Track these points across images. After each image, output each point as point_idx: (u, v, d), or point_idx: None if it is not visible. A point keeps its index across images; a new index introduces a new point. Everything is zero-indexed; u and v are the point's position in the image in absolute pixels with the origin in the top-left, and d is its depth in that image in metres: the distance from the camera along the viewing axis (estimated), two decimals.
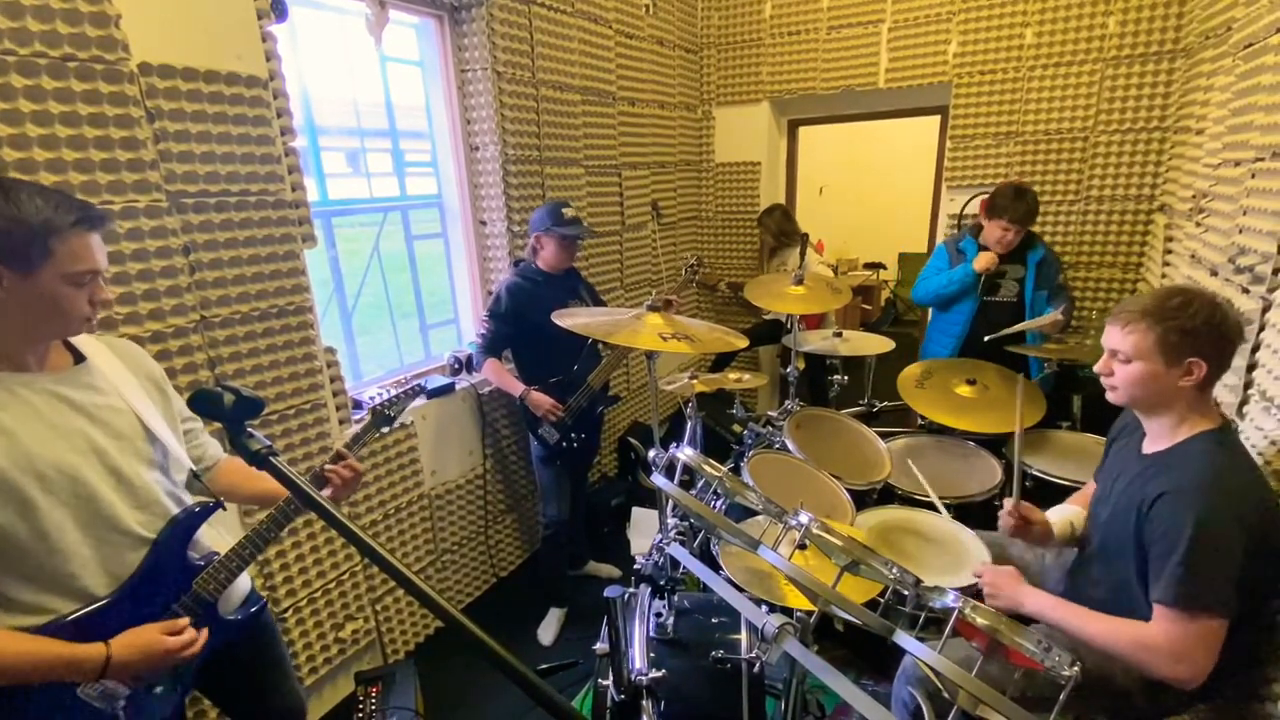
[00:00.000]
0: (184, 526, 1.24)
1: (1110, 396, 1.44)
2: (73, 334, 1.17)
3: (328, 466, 1.35)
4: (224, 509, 1.30)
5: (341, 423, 2.20)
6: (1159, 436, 1.41)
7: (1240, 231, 1.89)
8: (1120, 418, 1.65)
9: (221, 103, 1.73)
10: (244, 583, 1.42)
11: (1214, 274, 2.07)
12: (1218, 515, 1.21)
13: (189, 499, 1.30)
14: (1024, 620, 1.18)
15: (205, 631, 1.23)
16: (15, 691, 1.07)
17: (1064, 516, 1.65)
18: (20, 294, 1.03)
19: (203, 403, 0.96)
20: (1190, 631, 1.21)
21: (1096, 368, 1.45)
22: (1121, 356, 1.37)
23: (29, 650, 1.05)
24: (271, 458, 0.91)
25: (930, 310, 3.11)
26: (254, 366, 1.90)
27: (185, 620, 1.21)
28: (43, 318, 1.08)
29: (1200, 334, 1.28)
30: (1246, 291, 1.78)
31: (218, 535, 1.38)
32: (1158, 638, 1.24)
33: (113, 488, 1.16)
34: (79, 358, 1.19)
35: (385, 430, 1.56)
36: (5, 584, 1.07)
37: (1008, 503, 1.61)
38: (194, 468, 1.31)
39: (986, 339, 2.69)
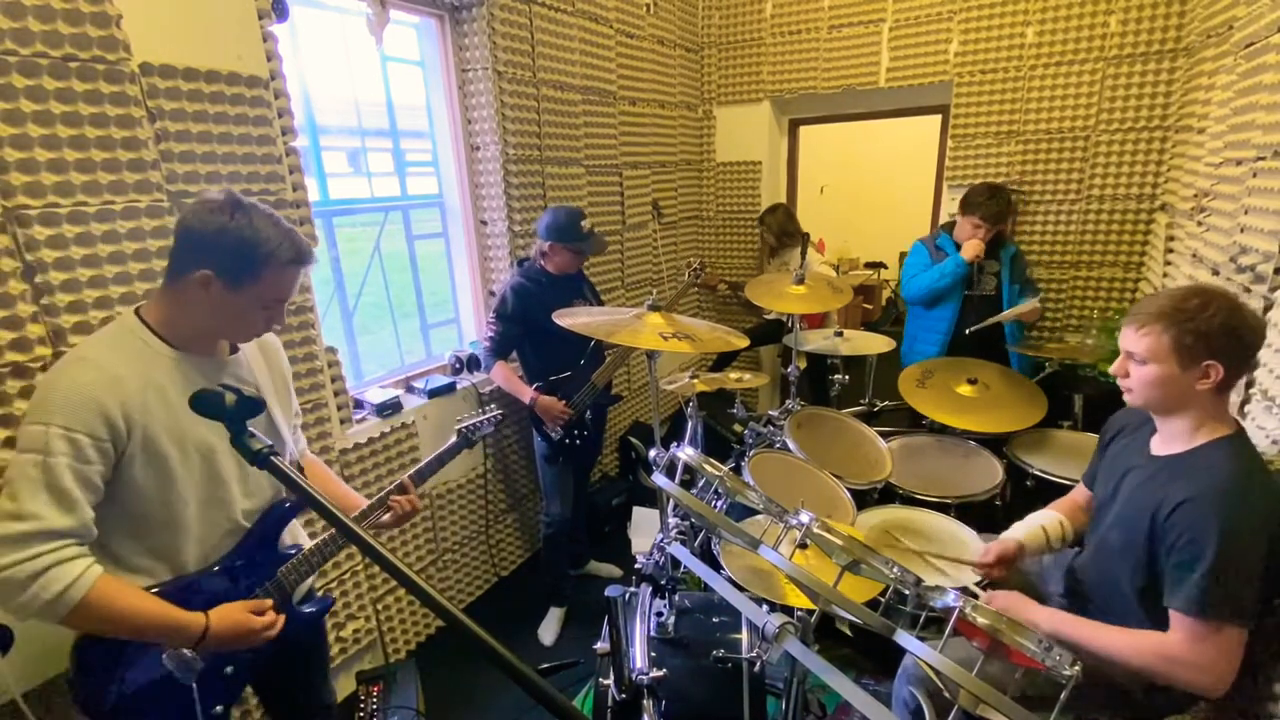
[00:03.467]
0: (280, 515, 1.34)
1: (1127, 399, 1.40)
2: (241, 342, 1.30)
3: (393, 497, 1.48)
4: None
5: (343, 422, 2.20)
6: (1174, 438, 1.37)
7: (1242, 231, 1.89)
8: (1115, 418, 1.63)
9: (222, 103, 1.73)
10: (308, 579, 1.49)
11: (1215, 273, 2.07)
12: (1243, 525, 1.19)
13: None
14: None
15: (283, 617, 1.28)
16: (114, 643, 1.15)
17: (1032, 528, 1.63)
18: (220, 302, 1.15)
19: (204, 402, 0.95)
20: (1213, 642, 1.19)
21: (1112, 369, 1.41)
22: (1137, 358, 1.32)
23: (147, 608, 1.12)
24: (272, 457, 0.91)
25: (908, 312, 3.14)
26: None
27: (269, 602, 1.26)
28: (226, 325, 1.21)
29: (1217, 336, 1.24)
30: (1248, 291, 1.78)
31: (299, 530, 1.46)
32: (1180, 648, 1.22)
33: (234, 473, 1.25)
34: (234, 347, 1.31)
35: (464, 450, 1.74)
36: (119, 541, 1.14)
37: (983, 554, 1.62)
38: (299, 462, 1.44)
39: (969, 330, 2.80)
